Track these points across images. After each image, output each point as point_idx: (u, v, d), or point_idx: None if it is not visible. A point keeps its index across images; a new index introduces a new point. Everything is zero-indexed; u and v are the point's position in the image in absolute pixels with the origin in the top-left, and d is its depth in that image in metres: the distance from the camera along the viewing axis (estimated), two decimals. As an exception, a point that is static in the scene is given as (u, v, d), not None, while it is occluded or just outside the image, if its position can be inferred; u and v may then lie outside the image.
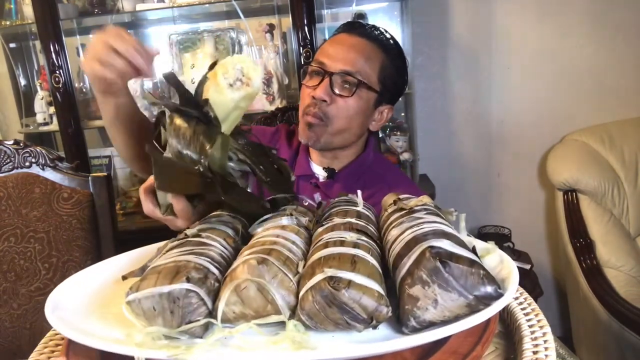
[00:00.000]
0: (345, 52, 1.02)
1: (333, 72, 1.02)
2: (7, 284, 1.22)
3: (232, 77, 0.65)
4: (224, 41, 1.95)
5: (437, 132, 2.15)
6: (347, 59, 1.02)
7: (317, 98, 1.01)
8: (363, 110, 1.05)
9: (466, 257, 0.49)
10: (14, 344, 1.22)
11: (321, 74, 1.03)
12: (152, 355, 0.46)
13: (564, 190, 1.88)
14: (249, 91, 0.66)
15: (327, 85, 1.01)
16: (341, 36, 1.07)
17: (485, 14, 2.02)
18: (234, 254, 0.59)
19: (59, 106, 1.85)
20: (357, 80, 1.02)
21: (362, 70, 1.02)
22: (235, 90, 0.65)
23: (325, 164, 1.11)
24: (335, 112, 1.02)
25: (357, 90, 1.02)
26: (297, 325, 0.49)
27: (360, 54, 1.03)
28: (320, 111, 1.02)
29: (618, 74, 2.02)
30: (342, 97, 1.02)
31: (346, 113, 1.03)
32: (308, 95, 1.04)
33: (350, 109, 1.03)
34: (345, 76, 1.02)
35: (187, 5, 1.84)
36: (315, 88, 1.02)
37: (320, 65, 1.03)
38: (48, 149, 1.29)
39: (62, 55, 1.80)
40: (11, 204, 1.23)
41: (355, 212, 0.66)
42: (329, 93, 1.01)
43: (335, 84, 1.02)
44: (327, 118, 1.03)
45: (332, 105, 1.02)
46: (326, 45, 1.07)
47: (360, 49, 1.03)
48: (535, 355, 0.51)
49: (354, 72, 1.01)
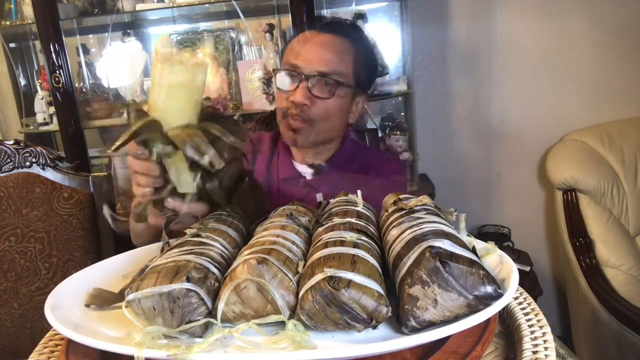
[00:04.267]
0: (317, 51, 1.01)
1: (309, 75, 1.00)
2: (8, 284, 1.22)
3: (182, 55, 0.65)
4: (223, 41, 1.95)
5: (437, 132, 2.15)
6: (321, 60, 1.00)
7: (297, 103, 1.00)
8: (343, 107, 1.06)
9: (466, 257, 0.49)
10: (15, 343, 1.22)
11: (296, 77, 1.01)
12: (151, 355, 0.46)
13: (564, 190, 1.88)
14: (203, 64, 0.66)
15: (305, 88, 1.00)
16: (309, 34, 1.04)
17: (485, 14, 2.02)
18: (234, 253, 0.59)
19: (59, 106, 1.85)
20: (334, 81, 1.01)
21: (337, 69, 1.01)
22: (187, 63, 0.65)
23: (308, 161, 1.11)
24: (317, 114, 1.02)
25: (335, 91, 1.01)
26: (297, 325, 0.49)
27: (333, 53, 1.01)
28: (303, 114, 1.01)
29: (617, 74, 2.02)
30: (322, 98, 1.01)
31: (327, 113, 1.03)
32: (285, 99, 1.03)
33: (331, 108, 1.03)
34: (321, 78, 1.00)
35: (187, 5, 1.84)
36: (293, 92, 1.01)
37: (294, 68, 1.01)
38: (48, 149, 1.29)
39: (62, 55, 1.80)
40: (12, 204, 1.23)
41: (355, 212, 0.66)
42: (308, 96, 1.00)
43: (313, 86, 1.00)
44: (310, 120, 1.02)
45: (313, 108, 1.01)
46: (295, 46, 1.04)
47: (332, 46, 1.02)
48: (535, 355, 0.51)
49: (329, 72, 1.00)
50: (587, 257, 1.77)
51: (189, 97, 0.67)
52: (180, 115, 0.67)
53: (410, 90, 1.94)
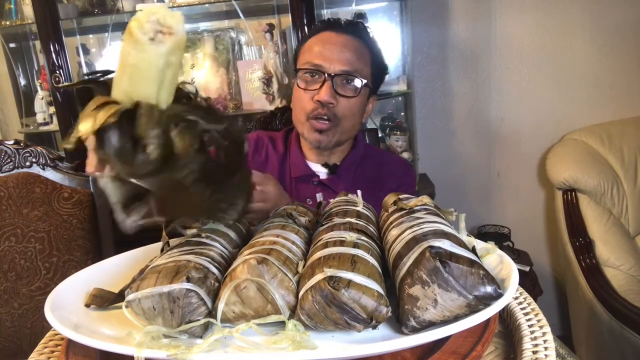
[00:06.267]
0: (339, 51, 1.03)
1: (334, 74, 1.02)
2: (8, 284, 1.22)
3: (151, 31, 0.54)
4: (223, 41, 1.95)
5: (437, 132, 2.15)
6: (344, 59, 1.02)
7: (323, 102, 1.02)
8: (363, 106, 1.09)
9: (466, 257, 0.49)
10: (15, 343, 1.22)
11: (320, 77, 1.03)
12: (151, 355, 0.46)
13: (564, 190, 1.88)
14: (174, 40, 0.55)
15: (331, 87, 1.02)
16: (327, 35, 1.06)
17: (484, 14, 2.02)
18: (234, 254, 0.59)
19: (59, 106, 1.85)
20: (359, 80, 1.03)
21: (359, 69, 1.04)
22: (159, 43, 0.54)
23: (322, 160, 1.13)
24: (342, 113, 1.04)
25: (361, 90, 1.04)
26: (297, 325, 0.49)
27: (353, 53, 1.04)
28: (329, 113, 1.03)
29: (617, 74, 2.02)
30: (346, 97, 1.03)
31: (352, 112, 1.06)
32: (310, 99, 1.04)
33: (354, 107, 1.06)
34: (346, 76, 1.03)
35: (187, 5, 1.84)
36: (317, 92, 1.03)
37: (317, 68, 1.03)
38: (48, 149, 1.29)
39: (62, 55, 1.80)
40: (12, 204, 1.23)
41: (355, 212, 0.66)
42: (334, 95, 1.02)
43: (337, 85, 1.03)
44: (337, 119, 1.04)
45: (338, 107, 1.03)
46: (315, 46, 1.05)
47: (352, 47, 1.04)
48: (535, 355, 0.51)
49: (352, 71, 1.03)
50: (587, 257, 1.77)
51: (160, 73, 0.56)
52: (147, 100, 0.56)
53: (410, 90, 1.94)
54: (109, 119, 0.52)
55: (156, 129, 0.53)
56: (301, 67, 1.06)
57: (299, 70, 1.06)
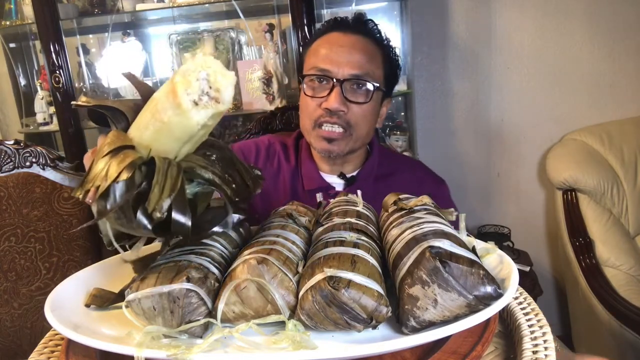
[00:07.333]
0: (347, 54, 0.94)
1: (343, 79, 0.94)
2: (8, 284, 1.22)
3: (197, 92, 0.48)
4: (223, 41, 1.95)
5: (437, 132, 2.15)
6: (353, 62, 0.94)
7: (333, 110, 0.94)
8: (376, 111, 1.01)
9: (466, 257, 0.49)
10: (15, 343, 1.22)
11: (328, 82, 0.95)
12: (151, 355, 0.46)
13: (564, 190, 1.88)
14: (218, 109, 0.49)
15: (340, 93, 0.93)
16: (334, 36, 0.98)
17: (484, 14, 2.02)
18: (234, 253, 0.59)
19: (59, 106, 1.85)
20: (370, 84, 0.95)
21: (370, 72, 0.96)
22: (201, 109, 0.48)
23: (336, 171, 1.04)
24: (355, 120, 0.96)
25: (373, 95, 0.96)
26: (297, 325, 0.49)
27: (363, 54, 0.95)
28: (341, 121, 0.95)
29: (617, 74, 2.02)
30: (358, 103, 0.95)
31: (364, 118, 0.97)
32: (317, 106, 0.96)
33: (367, 113, 0.97)
34: (356, 81, 0.95)
35: (187, 5, 1.84)
36: (326, 99, 0.95)
37: (324, 73, 0.95)
38: (48, 149, 1.29)
39: (62, 55, 1.80)
40: (12, 204, 1.23)
41: (355, 212, 0.66)
42: (344, 102, 0.94)
43: (347, 91, 0.94)
44: (349, 127, 0.96)
45: (349, 114, 0.95)
46: (321, 49, 0.97)
47: (362, 48, 0.96)
48: (535, 355, 0.51)
49: (363, 75, 0.95)
50: (587, 257, 1.77)
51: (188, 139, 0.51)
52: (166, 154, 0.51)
53: (410, 90, 1.94)
54: (122, 174, 0.47)
55: (166, 199, 0.48)
56: (307, 73, 0.98)
57: (305, 77, 0.98)
